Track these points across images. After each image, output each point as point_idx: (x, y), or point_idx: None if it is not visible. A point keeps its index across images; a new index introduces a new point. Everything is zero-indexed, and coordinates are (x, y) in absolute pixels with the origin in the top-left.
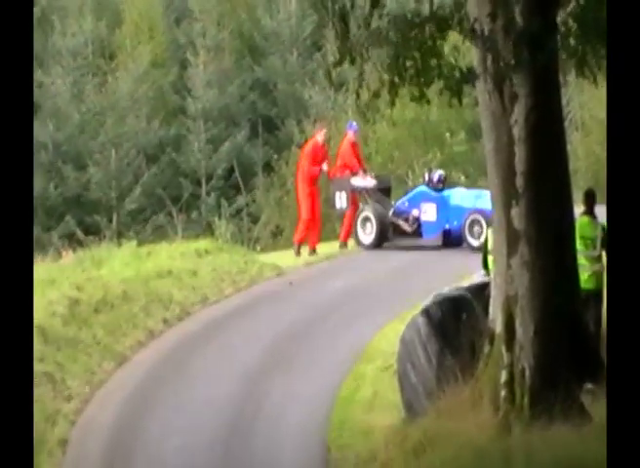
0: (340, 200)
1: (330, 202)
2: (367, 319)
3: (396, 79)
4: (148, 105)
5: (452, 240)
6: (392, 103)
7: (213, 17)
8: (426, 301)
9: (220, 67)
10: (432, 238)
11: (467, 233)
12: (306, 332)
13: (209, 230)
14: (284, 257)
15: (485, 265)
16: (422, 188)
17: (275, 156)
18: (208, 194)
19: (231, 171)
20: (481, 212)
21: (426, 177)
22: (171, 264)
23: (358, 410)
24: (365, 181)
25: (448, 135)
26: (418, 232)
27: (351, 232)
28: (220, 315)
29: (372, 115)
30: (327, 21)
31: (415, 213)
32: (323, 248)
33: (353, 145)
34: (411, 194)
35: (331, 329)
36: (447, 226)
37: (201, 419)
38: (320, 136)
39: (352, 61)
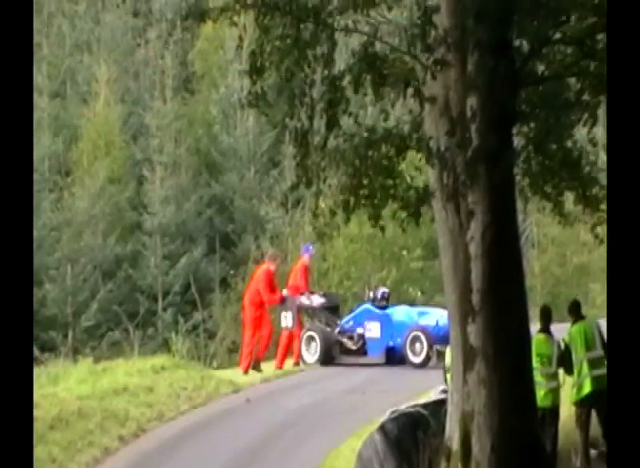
0: (286, 319)
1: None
2: (323, 436)
3: (351, 199)
4: (105, 221)
5: (396, 357)
6: (347, 221)
7: (170, 133)
8: (383, 418)
9: (177, 183)
10: (376, 355)
11: (408, 350)
12: (262, 450)
13: (165, 346)
14: (240, 374)
15: (446, 381)
16: (366, 306)
17: (232, 272)
18: (164, 310)
19: (188, 287)
20: (422, 328)
21: (370, 295)
22: (127, 381)
23: None
24: (310, 301)
25: (405, 252)
26: (362, 350)
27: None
28: (176, 432)
29: (328, 233)
30: (284, 138)
31: (359, 330)
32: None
33: (306, 268)
34: (355, 312)
35: (287, 446)
36: (391, 343)
37: None
38: (273, 267)
39: (309, 185)
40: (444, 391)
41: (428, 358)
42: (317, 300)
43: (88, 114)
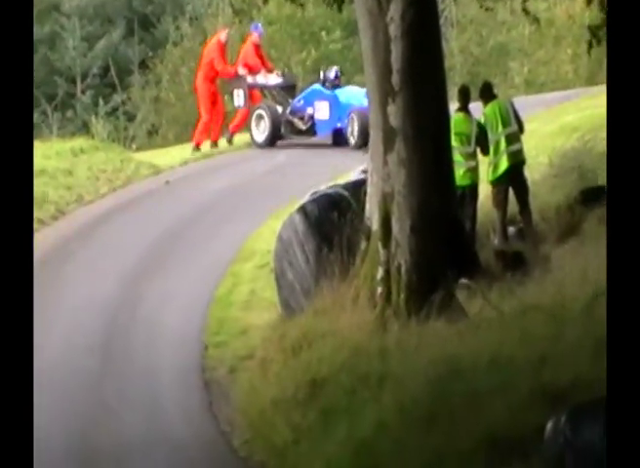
0: (238, 98)
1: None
2: (243, 217)
3: None
4: None
5: (342, 138)
6: (266, 1)
7: None
8: (303, 199)
9: None
10: (325, 136)
11: (349, 132)
12: (183, 232)
13: (85, 129)
14: (160, 156)
15: None
16: (316, 87)
17: (151, 54)
18: (83, 92)
19: (107, 69)
20: (358, 110)
21: (322, 76)
22: (45, 163)
23: (235, 309)
24: (265, 79)
25: (324, 33)
26: (312, 130)
27: (241, 128)
28: (95, 215)
29: (247, 12)
30: None
31: (309, 111)
32: (202, 147)
33: (256, 46)
34: (305, 92)
35: (207, 228)
36: (338, 125)
37: (78, 322)
38: (223, 36)
39: None
40: (364, 172)
41: (365, 141)
42: (273, 79)
43: None
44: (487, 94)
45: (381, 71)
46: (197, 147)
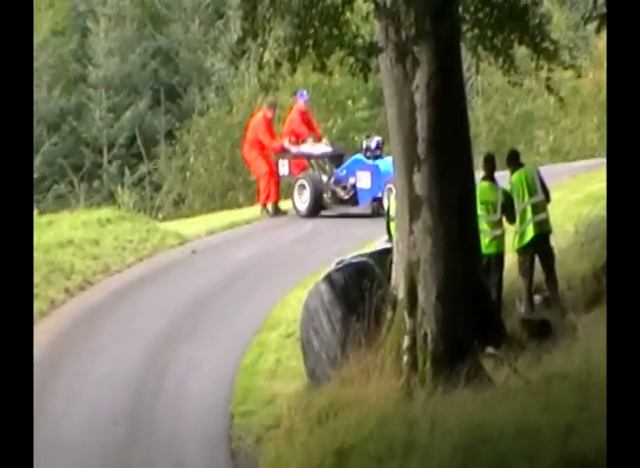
0: (283, 167)
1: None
2: (269, 286)
3: (297, 49)
4: (48, 74)
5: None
6: (293, 71)
7: None
8: (329, 268)
9: (122, 35)
10: (366, 206)
11: (386, 201)
12: (209, 301)
13: (111, 199)
14: (187, 226)
15: (389, 231)
16: (358, 156)
17: (177, 124)
18: (110, 163)
19: (133, 139)
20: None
21: (364, 145)
22: (72, 234)
23: (261, 378)
24: (312, 148)
25: (350, 101)
26: (354, 200)
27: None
28: (122, 284)
29: (274, 85)
30: None
31: (352, 180)
32: (228, 216)
33: (302, 113)
34: (348, 162)
35: (234, 297)
36: (379, 194)
37: (105, 392)
38: (270, 114)
39: (255, 37)
40: (389, 241)
41: None
42: (320, 148)
43: None
44: (514, 161)
45: (407, 140)
46: (264, 207)
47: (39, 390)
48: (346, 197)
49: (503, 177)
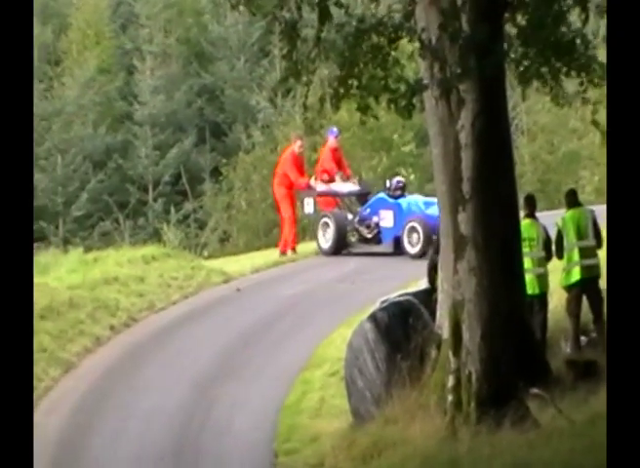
0: (308, 206)
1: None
2: (313, 325)
3: (341, 89)
4: (95, 111)
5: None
6: (337, 110)
7: (159, 22)
8: (374, 307)
9: (167, 73)
10: (389, 244)
11: (406, 240)
12: (254, 339)
13: (156, 236)
14: (231, 263)
15: (430, 276)
16: (381, 195)
17: (224, 160)
18: (155, 200)
19: (178, 177)
20: (419, 218)
21: (387, 184)
22: (117, 271)
23: (306, 416)
24: (339, 187)
25: (396, 136)
26: (377, 238)
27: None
28: (167, 322)
29: (318, 124)
30: (274, 28)
31: (375, 219)
32: (272, 254)
33: (333, 151)
34: (371, 201)
35: (278, 335)
36: (400, 233)
37: (150, 429)
38: (297, 148)
39: (297, 77)
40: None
41: (426, 249)
42: (347, 187)
43: (77, 3)
44: (571, 200)
45: (452, 179)
46: (284, 253)
47: (85, 426)
48: (369, 236)
49: (549, 217)
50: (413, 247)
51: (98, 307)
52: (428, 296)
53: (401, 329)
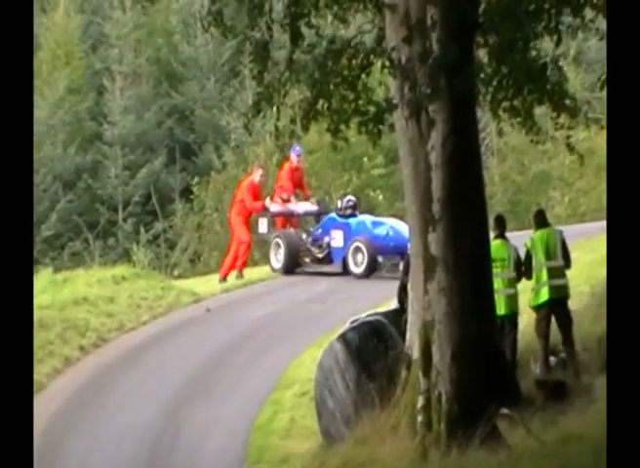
0: (262, 225)
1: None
2: (284, 345)
3: (311, 112)
4: (64, 131)
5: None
6: (306, 131)
7: (129, 42)
8: (344, 327)
9: (137, 93)
10: (338, 264)
11: (351, 260)
12: (224, 360)
13: (126, 256)
14: (202, 284)
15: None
16: (332, 215)
17: (196, 180)
18: (125, 220)
19: (148, 197)
20: (364, 238)
21: (338, 204)
22: (87, 291)
23: (276, 437)
24: (295, 207)
25: (365, 159)
26: (329, 258)
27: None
28: (137, 342)
29: (289, 143)
30: (245, 48)
31: (327, 239)
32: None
33: (293, 170)
34: (323, 221)
35: (248, 356)
36: (345, 252)
37: (120, 449)
38: (257, 177)
39: (269, 100)
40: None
41: (370, 269)
42: (304, 207)
43: (47, 23)
44: (540, 220)
45: (422, 199)
46: (224, 279)
47: (54, 447)
48: (321, 255)
49: (519, 238)
50: (357, 267)
51: (67, 328)
52: (398, 317)
53: (371, 349)
